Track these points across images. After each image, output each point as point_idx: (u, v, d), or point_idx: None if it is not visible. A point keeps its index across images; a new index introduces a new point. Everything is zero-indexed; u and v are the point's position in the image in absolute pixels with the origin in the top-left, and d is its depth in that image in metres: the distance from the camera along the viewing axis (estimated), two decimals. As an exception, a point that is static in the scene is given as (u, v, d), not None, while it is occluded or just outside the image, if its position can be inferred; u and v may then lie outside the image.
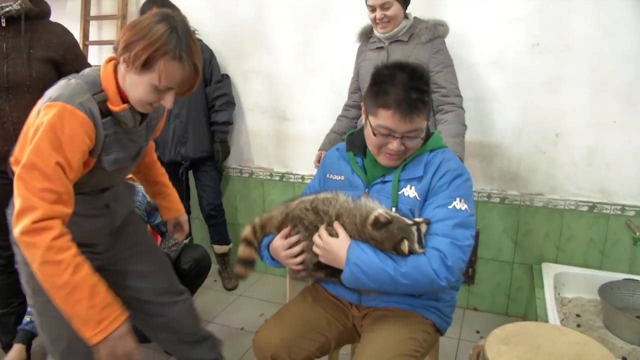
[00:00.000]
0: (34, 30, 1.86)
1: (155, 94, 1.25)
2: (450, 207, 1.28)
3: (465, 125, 2.06)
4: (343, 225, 1.30)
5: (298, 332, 1.39)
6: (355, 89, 2.30)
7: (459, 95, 2.06)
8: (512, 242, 2.45)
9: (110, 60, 1.29)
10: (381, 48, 2.10)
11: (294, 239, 1.36)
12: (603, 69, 2.12)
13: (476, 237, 2.47)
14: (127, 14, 2.99)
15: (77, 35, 3.09)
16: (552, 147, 2.28)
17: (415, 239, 1.26)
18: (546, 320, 1.85)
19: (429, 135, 1.40)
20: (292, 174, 2.87)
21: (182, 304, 1.64)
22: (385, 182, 1.37)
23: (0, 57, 1.79)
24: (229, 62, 2.83)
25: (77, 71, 1.81)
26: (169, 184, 1.75)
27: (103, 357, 1.21)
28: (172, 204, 1.75)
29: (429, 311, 1.40)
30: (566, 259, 2.35)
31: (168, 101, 1.27)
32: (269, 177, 2.93)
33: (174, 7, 2.52)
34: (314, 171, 1.85)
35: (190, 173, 2.88)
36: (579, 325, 1.99)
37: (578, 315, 2.07)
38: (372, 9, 2.02)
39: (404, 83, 1.25)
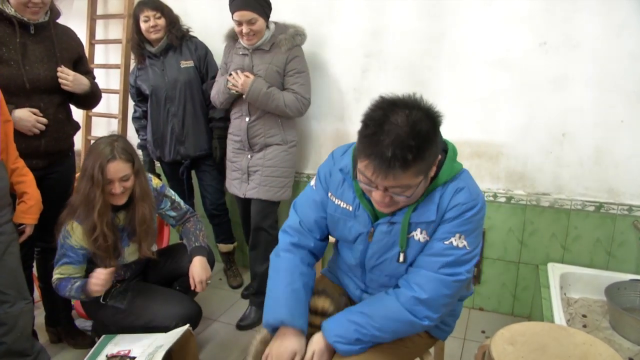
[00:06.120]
0: (54, 35, 1.95)
1: None
2: (447, 242, 1.19)
3: (291, 113, 2.29)
4: None
5: None
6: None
7: (305, 98, 2.31)
8: (518, 242, 2.44)
9: None
10: (246, 55, 2.31)
11: None
12: (610, 68, 2.11)
13: (482, 236, 2.46)
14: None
15: (84, 34, 3.11)
16: (559, 146, 2.27)
17: None
18: (552, 321, 1.85)
19: (441, 163, 1.20)
20: (295, 172, 2.86)
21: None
22: (392, 223, 1.23)
23: (36, 62, 1.88)
24: (234, 61, 2.83)
25: (86, 69, 2.13)
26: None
27: None
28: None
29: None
30: (572, 259, 2.34)
31: None
32: (274, 176, 2.92)
33: (165, 7, 2.52)
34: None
35: (194, 173, 2.88)
36: (585, 326, 1.98)
37: (584, 316, 2.06)
38: (239, 23, 2.20)
39: (391, 132, 1.03)
